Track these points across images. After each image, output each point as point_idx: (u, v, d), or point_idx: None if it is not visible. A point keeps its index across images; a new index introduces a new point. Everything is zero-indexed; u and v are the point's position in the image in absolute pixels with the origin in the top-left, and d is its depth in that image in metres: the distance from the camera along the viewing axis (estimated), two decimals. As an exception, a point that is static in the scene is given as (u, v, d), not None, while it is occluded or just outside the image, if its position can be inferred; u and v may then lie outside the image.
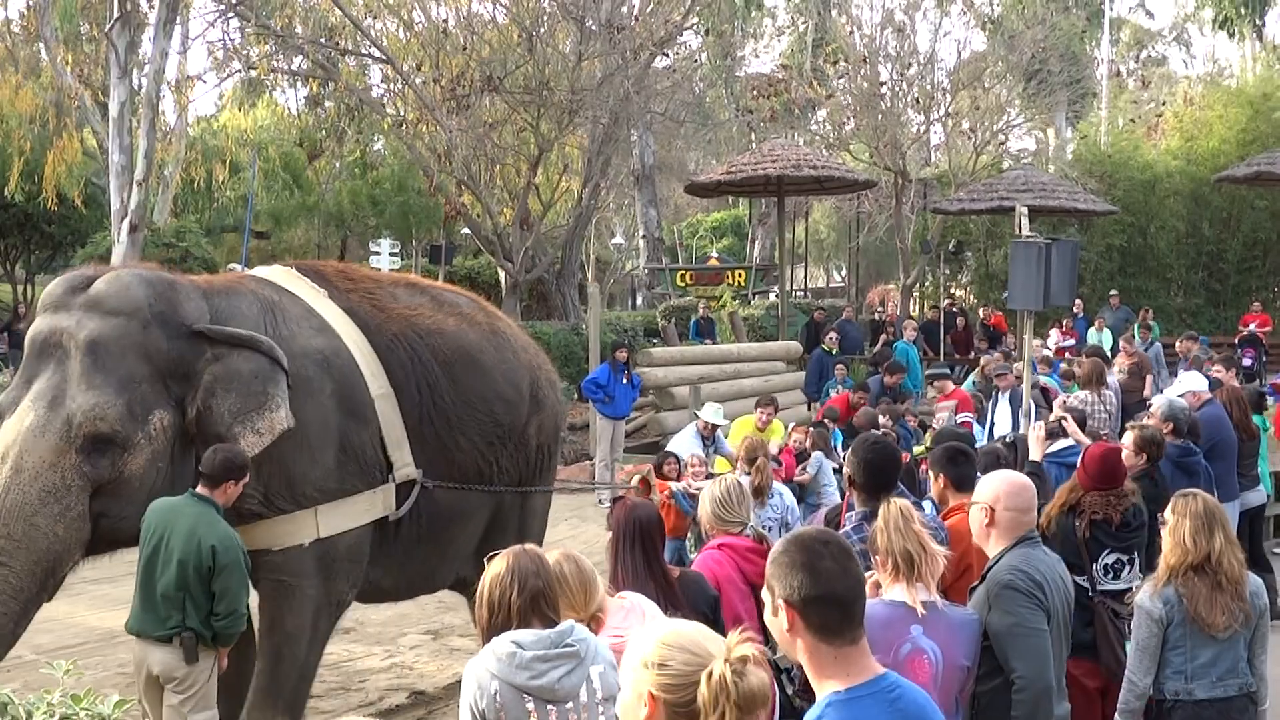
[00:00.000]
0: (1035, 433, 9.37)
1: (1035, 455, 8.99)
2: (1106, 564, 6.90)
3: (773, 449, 12.99)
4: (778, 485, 10.36)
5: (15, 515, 6.44)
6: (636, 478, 11.24)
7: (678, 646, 3.14)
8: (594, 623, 4.78)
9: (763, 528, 8.70)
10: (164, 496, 6.84)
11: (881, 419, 13.80)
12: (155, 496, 6.80)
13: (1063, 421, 10.58)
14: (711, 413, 13.65)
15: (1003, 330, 26.86)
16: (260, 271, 8.37)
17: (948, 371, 17.22)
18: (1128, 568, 6.97)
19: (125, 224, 21.57)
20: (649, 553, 5.68)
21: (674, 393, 19.60)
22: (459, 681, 10.02)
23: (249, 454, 6.92)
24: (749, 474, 9.74)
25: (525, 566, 4.54)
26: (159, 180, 27.78)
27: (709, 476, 11.23)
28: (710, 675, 3.01)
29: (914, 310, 31.38)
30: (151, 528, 6.73)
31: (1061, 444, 9.65)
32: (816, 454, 12.38)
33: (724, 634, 5.72)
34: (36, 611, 6.61)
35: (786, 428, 14.06)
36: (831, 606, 3.33)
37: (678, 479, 11.31)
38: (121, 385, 6.72)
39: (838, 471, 11.83)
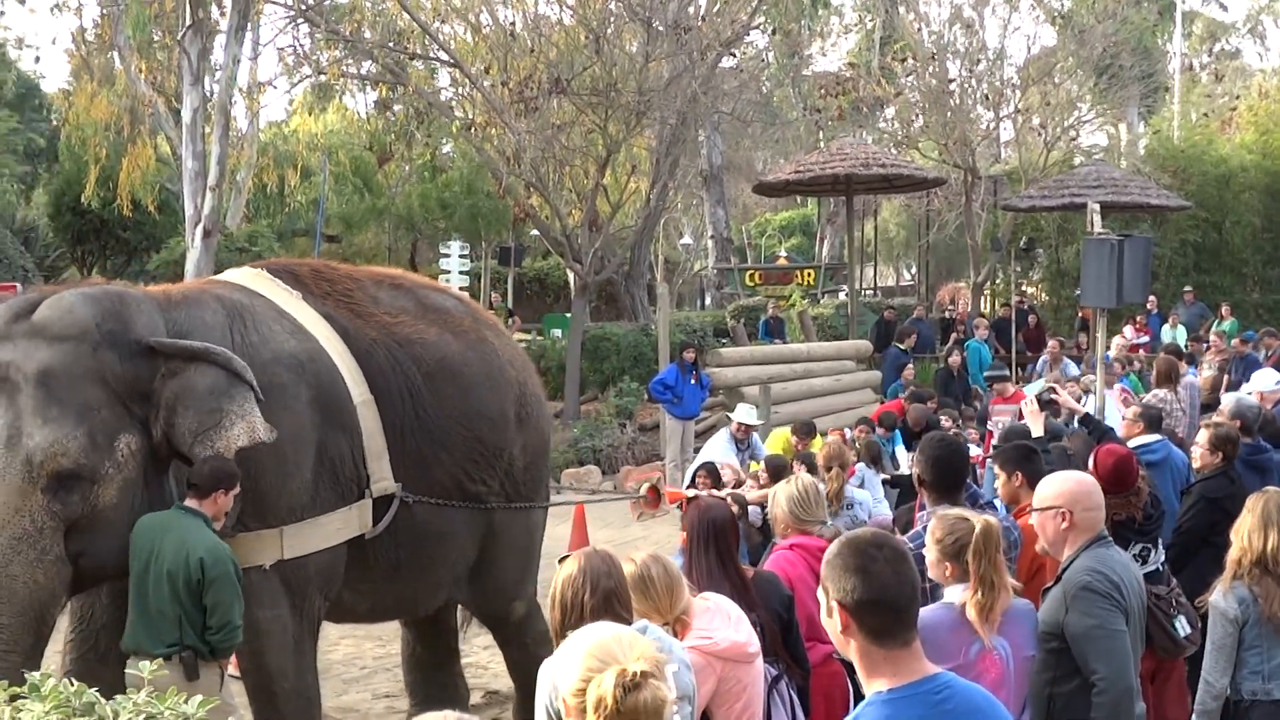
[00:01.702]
0: (1029, 406, 9.28)
1: (1036, 431, 8.89)
2: (1134, 554, 6.84)
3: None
4: (857, 493, 10.31)
5: None
6: (645, 485, 10.96)
7: (590, 653, 3.26)
8: (679, 625, 4.80)
9: None
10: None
11: (944, 420, 13.69)
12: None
13: (1053, 393, 10.51)
14: (745, 413, 13.36)
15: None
16: (229, 275, 7.96)
17: (1006, 373, 16.84)
18: (1152, 552, 6.94)
19: (199, 229, 21.77)
20: (723, 553, 5.70)
21: (744, 392, 19.53)
22: (532, 683, 10.11)
23: None
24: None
25: (597, 567, 4.56)
26: (232, 185, 28.04)
27: (739, 483, 11.17)
28: (598, 684, 3.09)
29: (985, 308, 31.18)
30: (140, 544, 6.46)
31: (1142, 439, 9.51)
32: (860, 467, 11.67)
33: (797, 634, 5.76)
34: (40, 660, 6.15)
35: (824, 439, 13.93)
36: (884, 610, 3.37)
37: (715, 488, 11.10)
38: (80, 415, 6.25)
39: (888, 484, 11.67)
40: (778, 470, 10.26)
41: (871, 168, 25.58)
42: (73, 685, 4.00)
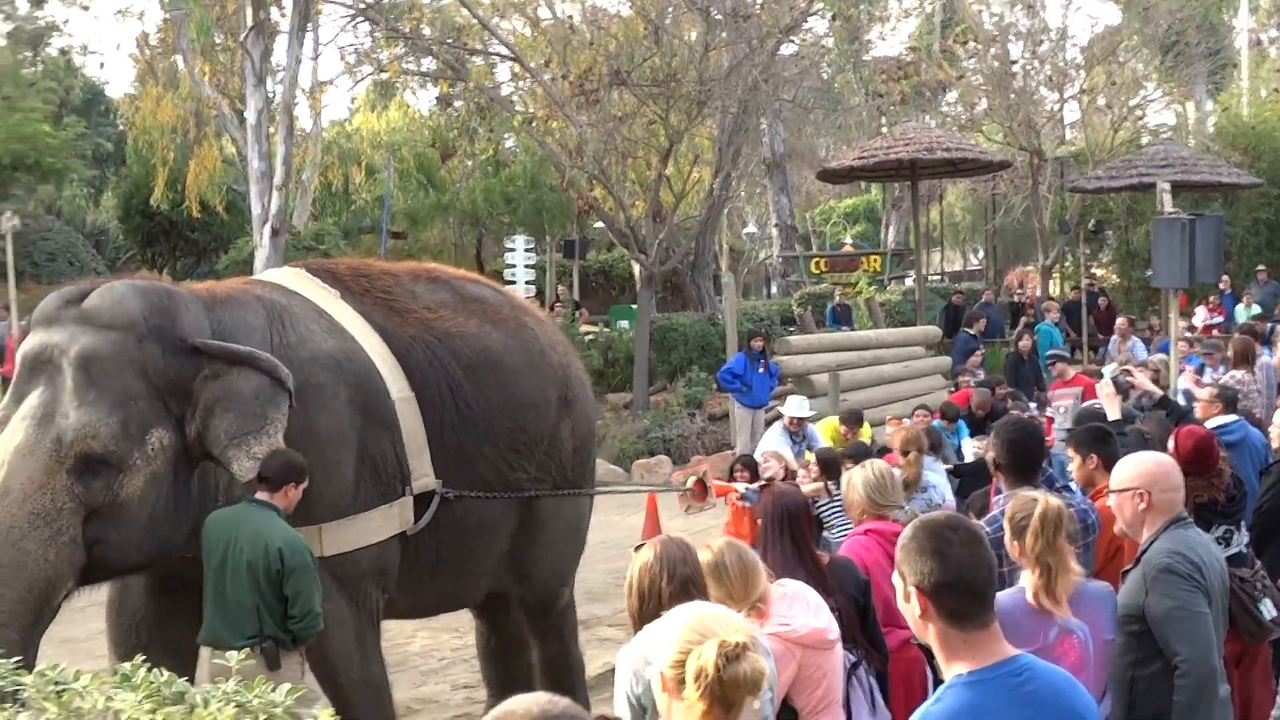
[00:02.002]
0: (1105, 389, 9.19)
1: (1113, 414, 8.79)
2: (1217, 536, 6.75)
3: None
4: (931, 477, 10.28)
5: (3, 540, 6.07)
6: (692, 479, 10.84)
7: (689, 626, 3.27)
8: (755, 612, 4.80)
9: None
10: (169, 520, 6.54)
11: (1013, 409, 13.57)
12: (157, 522, 6.46)
13: (1128, 375, 10.41)
14: (795, 406, 13.29)
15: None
16: (269, 275, 8.04)
17: (1067, 355, 16.57)
18: (1235, 534, 6.85)
19: (267, 228, 21.98)
20: (798, 540, 5.71)
21: (813, 380, 19.52)
22: (609, 671, 10.09)
23: (243, 479, 6.56)
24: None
25: (673, 554, 4.61)
26: (297, 184, 28.26)
27: (790, 474, 11.11)
28: (699, 655, 3.13)
29: (1054, 291, 30.96)
30: (213, 538, 6.56)
31: (1219, 420, 9.40)
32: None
33: (874, 620, 5.76)
34: (38, 641, 6.16)
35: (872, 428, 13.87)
36: (962, 593, 3.37)
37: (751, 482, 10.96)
38: (115, 403, 6.31)
39: (950, 473, 11.57)
40: (828, 463, 10.26)
41: (936, 152, 25.43)
42: (163, 675, 4.06)
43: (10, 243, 22.96)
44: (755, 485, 10.77)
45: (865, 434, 13.41)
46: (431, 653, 11.22)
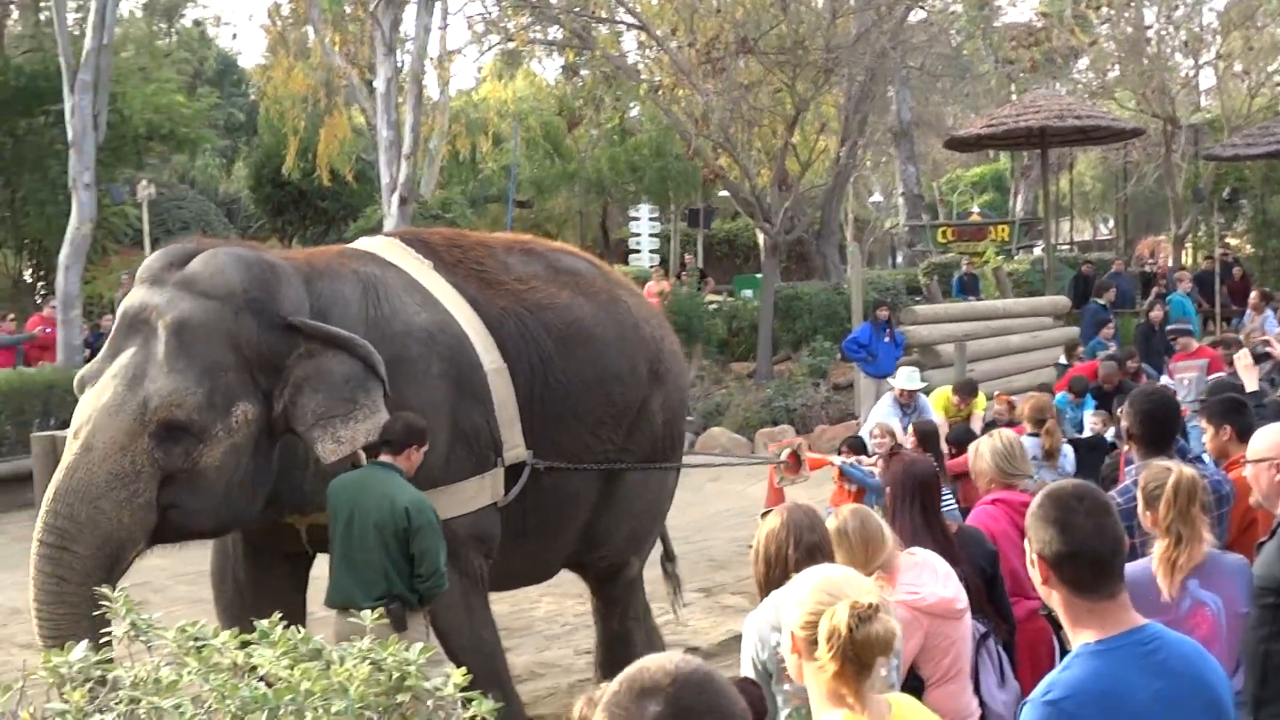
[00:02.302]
0: (1242, 360, 8.99)
1: (1250, 385, 8.60)
2: None
3: (976, 422, 12.66)
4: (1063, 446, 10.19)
5: (81, 496, 6.13)
6: (786, 451, 10.76)
7: (819, 588, 3.26)
8: (879, 579, 4.80)
9: None
10: (245, 491, 6.56)
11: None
12: (233, 490, 6.47)
13: (1267, 346, 10.19)
14: (905, 378, 13.05)
15: None
16: (364, 243, 8.00)
17: (1189, 328, 16.19)
18: None
19: (395, 197, 22.24)
20: (928, 508, 5.70)
21: (938, 350, 19.36)
22: (733, 638, 10.18)
23: (327, 460, 6.57)
24: (1034, 435, 9.62)
25: (799, 521, 4.64)
26: (425, 153, 28.51)
27: (896, 448, 11.02)
28: (831, 615, 3.13)
29: (1186, 261, 30.45)
30: (340, 501, 6.63)
31: None
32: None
33: (1001, 590, 5.73)
34: None
35: (989, 400, 13.66)
36: (1084, 563, 3.35)
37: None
38: (204, 373, 6.32)
39: (1077, 447, 11.41)
40: (926, 436, 10.09)
41: (1067, 120, 25.06)
42: (299, 632, 4.15)
43: (146, 211, 23.46)
44: (854, 459, 10.75)
45: (979, 405, 13.24)
46: (555, 618, 11.32)
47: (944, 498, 7.48)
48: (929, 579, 5.02)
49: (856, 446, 11.02)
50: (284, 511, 6.93)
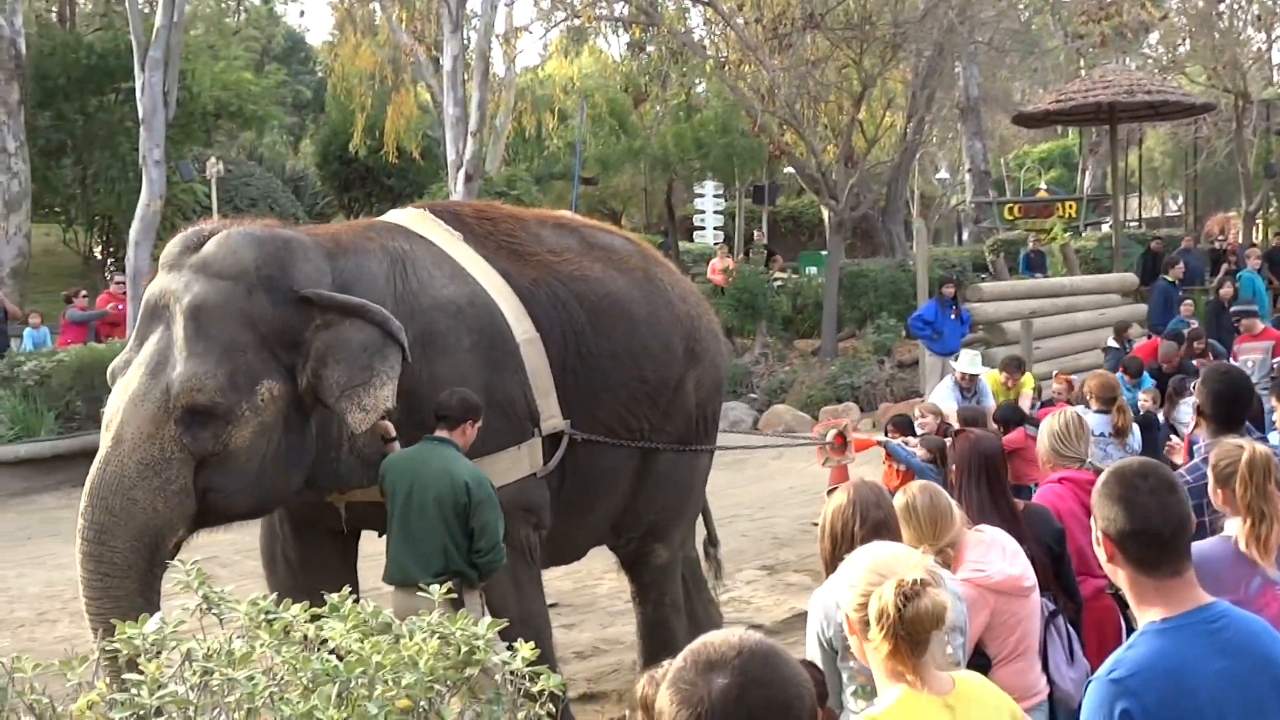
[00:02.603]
0: None
1: None
2: None
3: (1025, 400, 12.54)
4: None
5: (114, 489, 6.11)
6: (832, 432, 10.50)
7: (870, 568, 3.32)
8: (943, 556, 4.80)
9: None
10: (280, 469, 6.51)
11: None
12: (267, 469, 6.43)
13: None
14: (968, 362, 12.85)
15: None
16: (393, 216, 7.92)
17: (1254, 309, 15.96)
18: None
19: (461, 174, 22.33)
20: (994, 485, 5.69)
21: (1005, 328, 19.29)
22: (796, 616, 10.19)
23: (357, 430, 6.49)
24: (1103, 411, 9.55)
25: (866, 497, 4.64)
26: (491, 130, 28.58)
27: (941, 429, 10.94)
28: (879, 595, 3.18)
29: (1257, 238, 30.10)
30: (398, 477, 6.62)
31: None
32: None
33: (1068, 568, 5.70)
34: (158, 586, 6.18)
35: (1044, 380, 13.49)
36: (1147, 541, 3.34)
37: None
38: (224, 354, 6.27)
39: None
40: (970, 420, 9.89)
41: (1136, 95, 24.82)
42: (369, 606, 4.20)
43: (215, 188, 23.67)
44: (901, 439, 10.68)
45: (1027, 383, 13.06)
46: (619, 594, 11.32)
47: None
48: (996, 557, 5.00)
49: (903, 425, 10.95)
50: (323, 491, 6.91)
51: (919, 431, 11.14)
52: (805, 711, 2.35)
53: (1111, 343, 16.47)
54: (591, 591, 11.36)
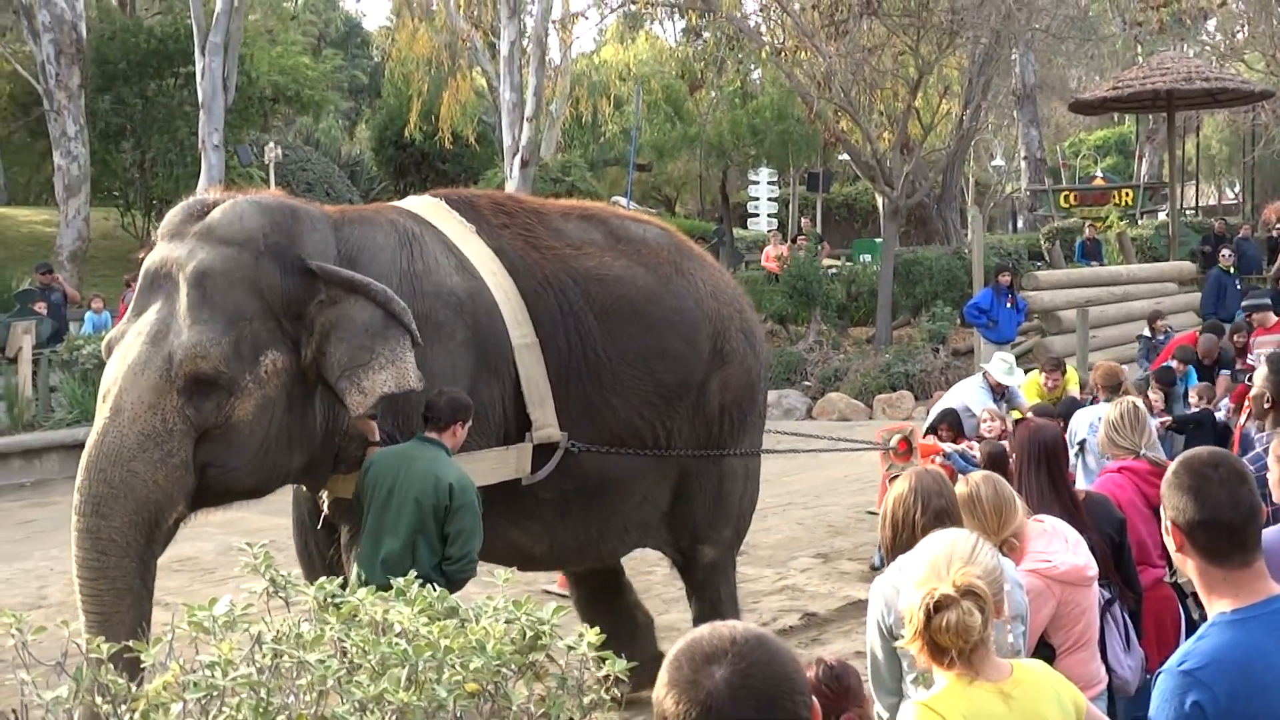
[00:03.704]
0: None
1: None
2: None
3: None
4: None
5: (113, 460, 5.91)
6: (897, 437, 10.21)
7: (930, 565, 3.37)
8: (1007, 547, 4.81)
9: None
10: (283, 446, 6.34)
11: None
12: (270, 446, 6.25)
13: None
14: (998, 369, 12.11)
15: None
16: (406, 203, 7.64)
17: (1268, 302, 15.71)
18: None
19: (516, 160, 22.45)
20: (1055, 474, 5.69)
21: (1060, 316, 19.22)
22: (850, 604, 10.19)
23: (355, 413, 6.32)
24: (1110, 400, 9.36)
25: (928, 486, 4.65)
26: (546, 116, 28.67)
27: (1003, 433, 10.83)
28: (910, 605, 3.24)
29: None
30: (381, 474, 6.39)
31: None
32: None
33: (1129, 558, 5.69)
34: (154, 564, 6.08)
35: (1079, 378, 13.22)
36: (1217, 531, 3.31)
37: (955, 441, 10.65)
38: (229, 322, 6.08)
39: (1175, 429, 11.12)
40: (996, 459, 9.62)
41: (1194, 82, 24.65)
42: (435, 590, 4.24)
43: (272, 173, 23.82)
44: (962, 445, 10.60)
45: (1071, 380, 12.59)
46: (672, 582, 11.31)
47: None
48: (1059, 547, 5.01)
49: (955, 423, 10.90)
50: (323, 480, 6.73)
51: (985, 435, 11.06)
52: (806, 686, 2.36)
53: (1146, 333, 16.33)
54: (646, 579, 11.38)
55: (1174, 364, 12.79)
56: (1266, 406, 6.16)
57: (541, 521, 7.34)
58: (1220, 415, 11.44)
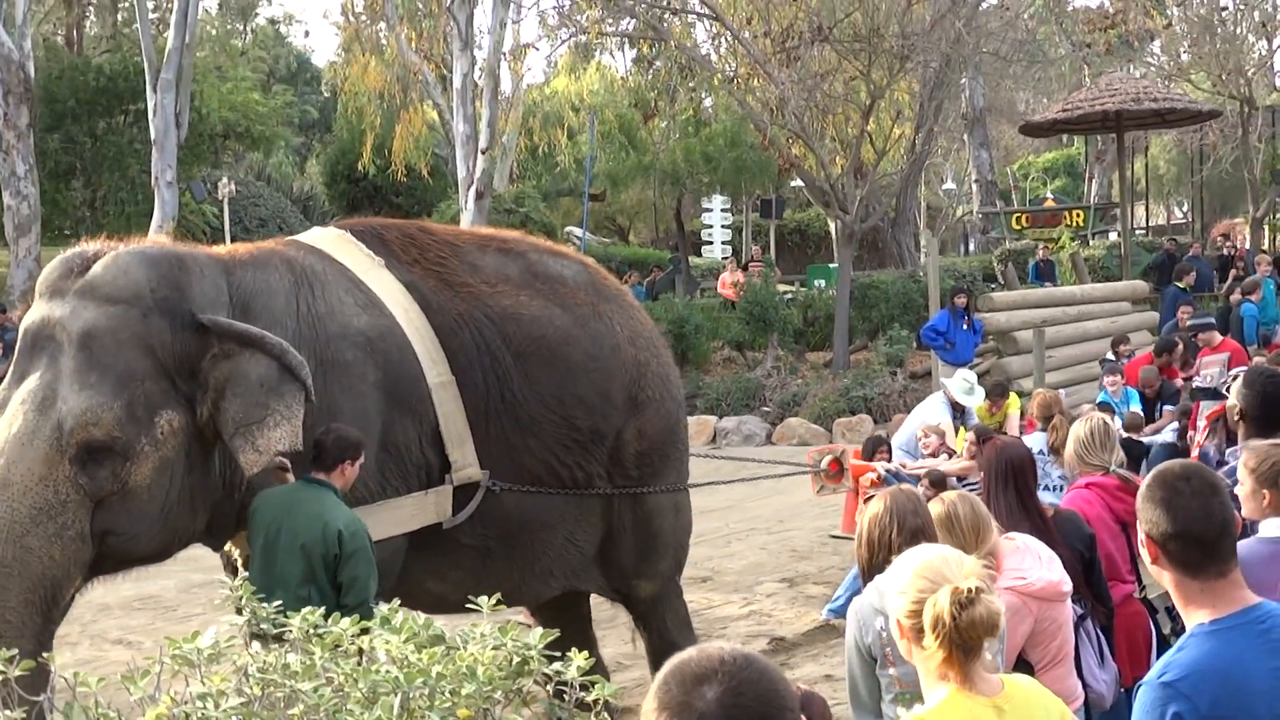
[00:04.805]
0: None
1: None
2: None
3: (1013, 425, 12.42)
4: None
5: (4, 536, 5.57)
6: (827, 459, 10.21)
7: (919, 574, 3.32)
8: (985, 564, 4.84)
9: (1053, 489, 8.50)
10: (185, 508, 6.06)
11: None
12: (171, 508, 5.97)
13: None
14: (957, 389, 12.30)
15: None
16: (308, 236, 7.32)
17: (1212, 321, 15.92)
18: None
19: (471, 191, 22.48)
20: (1023, 491, 5.73)
21: (1016, 337, 19.33)
22: (817, 628, 10.19)
23: (249, 472, 6.01)
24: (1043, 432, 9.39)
25: (903, 505, 4.68)
26: (500, 148, 28.74)
27: (939, 449, 10.91)
28: (934, 603, 3.19)
29: (1265, 244, 30.17)
30: (264, 519, 6.08)
31: None
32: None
33: (1099, 574, 5.73)
34: (51, 642, 5.72)
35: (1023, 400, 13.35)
36: (1190, 544, 3.34)
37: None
38: (119, 384, 5.78)
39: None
40: (939, 482, 9.66)
41: (1143, 102, 24.94)
42: (419, 618, 4.24)
43: (226, 209, 23.78)
44: (895, 464, 10.64)
45: (1012, 405, 12.72)
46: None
47: None
48: (1032, 564, 5.04)
49: (890, 447, 11.08)
50: (223, 537, 6.45)
51: (922, 452, 11.16)
52: (795, 702, 2.37)
53: (1110, 356, 16.45)
54: (613, 605, 11.40)
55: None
56: (1236, 419, 6.22)
57: (462, 569, 7.01)
58: (1168, 437, 11.62)
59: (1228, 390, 10.11)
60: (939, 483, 9.57)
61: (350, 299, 6.70)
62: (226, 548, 6.41)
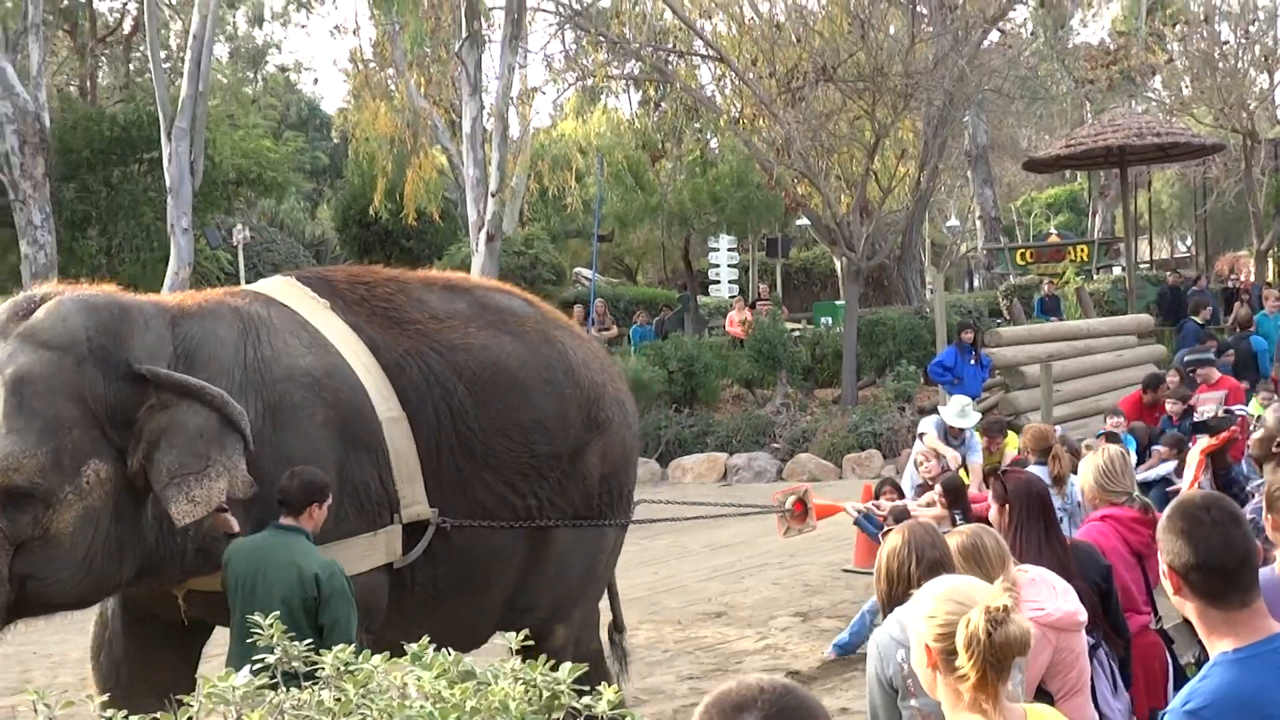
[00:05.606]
0: None
1: None
2: None
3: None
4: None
5: None
6: (791, 499, 10.05)
7: (947, 598, 3.37)
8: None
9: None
10: (111, 556, 6.01)
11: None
12: (96, 557, 5.93)
13: None
14: (953, 414, 12.30)
15: None
16: (259, 285, 7.36)
17: (1211, 357, 15.95)
18: None
19: (482, 234, 22.60)
20: (1049, 525, 5.78)
21: (1024, 371, 19.39)
22: (832, 661, 10.26)
23: (180, 523, 5.95)
24: (1040, 463, 9.32)
25: (921, 538, 4.75)
26: (510, 191, 28.90)
27: (940, 473, 10.90)
28: (967, 623, 3.23)
29: (1270, 277, 30.25)
30: (240, 570, 6.04)
31: None
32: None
33: (1116, 606, 5.80)
34: None
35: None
36: (1212, 574, 3.35)
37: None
38: (46, 431, 5.76)
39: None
40: (953, 491, 9.49)
41: (1146, 138, 25.05)
42: (450, 654, 4.33)
43: (241, 255, 23.94)
44: (867, 505, 10.59)
45: (1011, 444, 12.51)
46: (656, 644, 11.45)
47: None
48: (1048, 595, 5.08)
49: (898, 486, 11.11)
50: (168, 581, 6.40)
51: (922, 476, 11.22)
52: None
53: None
54: (628, 642, 11.47)
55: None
56: (1276, 449, 6.28)
57: (413, 613, 6.93)
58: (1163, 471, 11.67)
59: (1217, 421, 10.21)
60: (901, 517, 9.45)
61: (296, 340, 6.72)
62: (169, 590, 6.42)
